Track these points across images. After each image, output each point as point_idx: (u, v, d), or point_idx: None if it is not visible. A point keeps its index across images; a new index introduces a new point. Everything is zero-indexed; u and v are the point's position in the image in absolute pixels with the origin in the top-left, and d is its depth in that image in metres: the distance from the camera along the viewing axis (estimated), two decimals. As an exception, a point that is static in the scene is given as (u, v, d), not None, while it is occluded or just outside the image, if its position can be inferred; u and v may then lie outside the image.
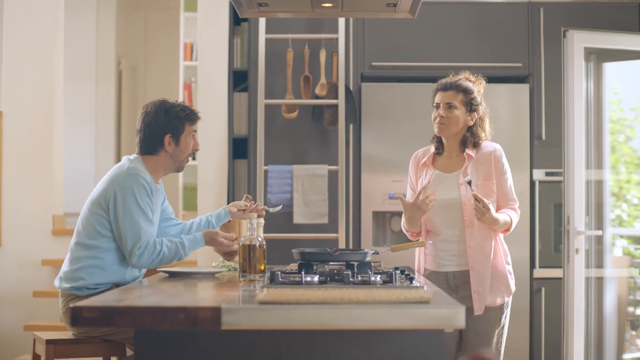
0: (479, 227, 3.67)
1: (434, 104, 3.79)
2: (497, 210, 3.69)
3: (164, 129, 3.69)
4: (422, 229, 3.80)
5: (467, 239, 3.68)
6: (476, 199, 3.55)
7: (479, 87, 3.82)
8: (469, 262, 3.68)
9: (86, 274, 3.59)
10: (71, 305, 2.42)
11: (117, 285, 3.61)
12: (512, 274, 3.77)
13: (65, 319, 3.65)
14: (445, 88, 3.77)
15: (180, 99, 7.21)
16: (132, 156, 3.74)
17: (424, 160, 3.86)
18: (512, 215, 3.71)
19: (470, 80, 3.81)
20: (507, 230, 3.71)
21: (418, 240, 3.83)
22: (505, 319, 3.75)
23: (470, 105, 3.75)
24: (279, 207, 4.19)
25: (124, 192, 3.55)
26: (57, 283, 3.69)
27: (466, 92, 3.75)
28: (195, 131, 3.79)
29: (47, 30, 5.83)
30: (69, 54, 7.06)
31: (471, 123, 3.77)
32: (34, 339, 3.72)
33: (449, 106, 3.73)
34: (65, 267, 3.67)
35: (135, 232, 3.53)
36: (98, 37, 8.08)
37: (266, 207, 4.05)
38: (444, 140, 3.81)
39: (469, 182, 3.64)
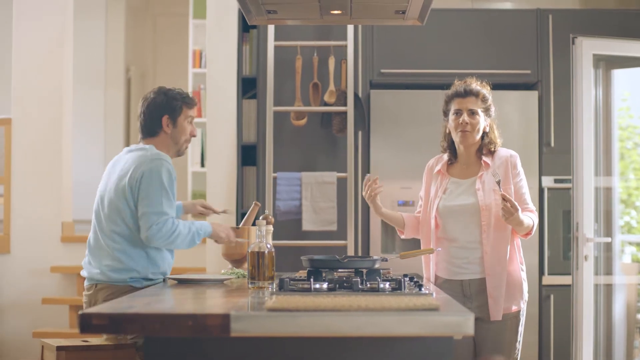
0: (495, 232, 3.63)
1: (453, 111, 3.71)
2: None
3: (161, 109, 3.84)
4: (430, 234, 3.78)
5: (484, 244, 3.64)
6: (504, 198, 3.48)
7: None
8: (485, 267, 3.64)
9: (138, 265, 3.68)
10: (80, 312, 2.42)
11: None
12: (526, 281, 3.73)
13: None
14: (465, 94, 3.70)
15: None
16: (138, 145, 3.84)
17: (437, 168, 3.81)
18: (534, 218, 3.65)
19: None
20: (529, 233, 3.65)
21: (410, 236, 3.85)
22: (521, 327, 3.70)
23: (488, 112, 3.74)
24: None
25: (151, 173, 3.64)
26: (99, 276, 3.68)
27: (484, 98, 3.72)
28: (193, 117, 3.91)
29: (56, 37, 5.85)
30: (78, 61, 7.08)
31: (487, 129, 3.75)
32: (42, 346, 3.72)
33: (472, 112, 3.68)
34: (107, 260, 3.68)
35: (157, 208, 3.60)
36: (107, 43, 8.10)
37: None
38: (459, 148, 3.77)
39: (498, 182, 3.58)
